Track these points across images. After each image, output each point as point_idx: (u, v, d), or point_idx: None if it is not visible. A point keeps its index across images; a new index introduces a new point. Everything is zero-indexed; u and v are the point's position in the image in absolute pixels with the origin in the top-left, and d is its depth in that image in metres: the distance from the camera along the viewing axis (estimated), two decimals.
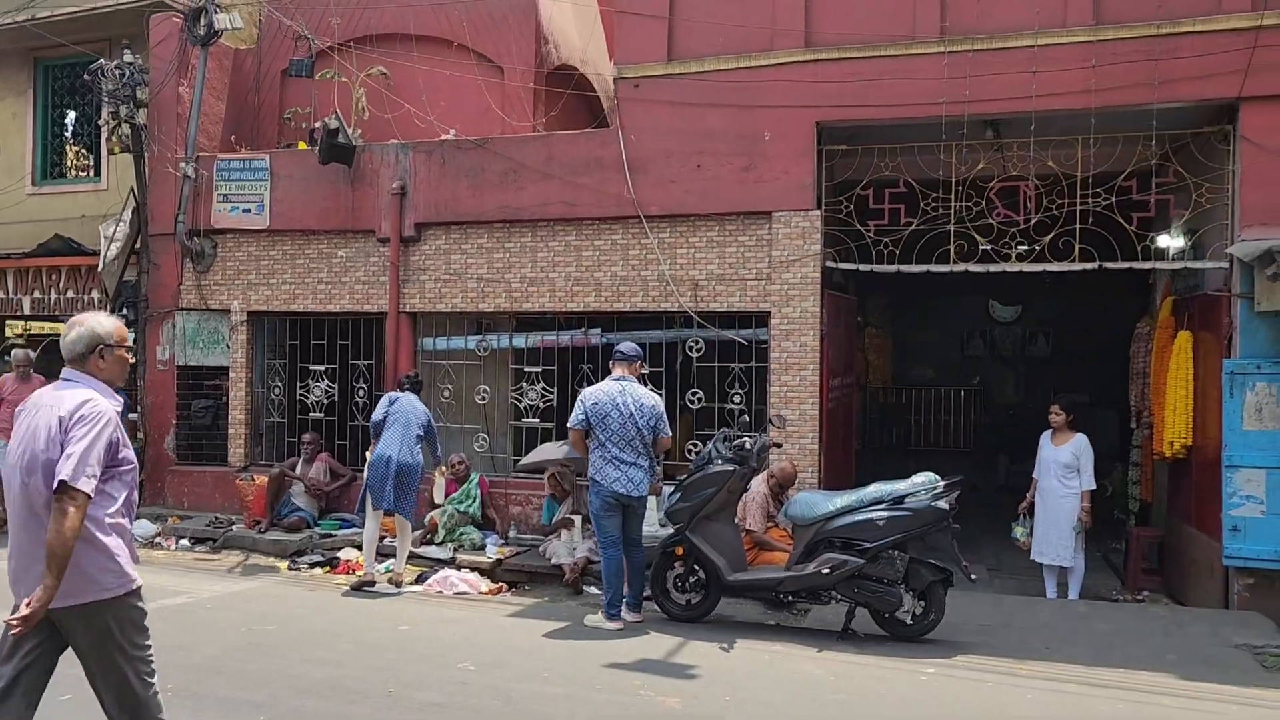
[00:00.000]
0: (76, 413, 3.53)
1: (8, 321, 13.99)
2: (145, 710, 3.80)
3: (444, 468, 9.18)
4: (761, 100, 9.08)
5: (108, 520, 3.59)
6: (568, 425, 7.44)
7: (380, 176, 10.55)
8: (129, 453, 3.71)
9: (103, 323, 3.79)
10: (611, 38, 11.33)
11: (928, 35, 8.60)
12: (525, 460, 9.48)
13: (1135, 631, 7.12)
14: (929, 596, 6.83)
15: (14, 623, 3.37)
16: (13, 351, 10.43)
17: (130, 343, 4.00)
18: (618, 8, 9.82)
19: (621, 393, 7.24)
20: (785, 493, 8.13)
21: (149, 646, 3.86)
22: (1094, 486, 8.30)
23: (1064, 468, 8.28)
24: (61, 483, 3.36)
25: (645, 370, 7.77)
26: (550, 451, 9.19)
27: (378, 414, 8.51)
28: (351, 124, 10.64)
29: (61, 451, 3.46)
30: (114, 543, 3.61)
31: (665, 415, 7.43)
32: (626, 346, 7.56)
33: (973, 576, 7.07)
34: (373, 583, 8.23)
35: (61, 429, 3.51)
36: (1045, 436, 8.56)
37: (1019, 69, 8.26)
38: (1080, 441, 8.30)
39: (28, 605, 3.35)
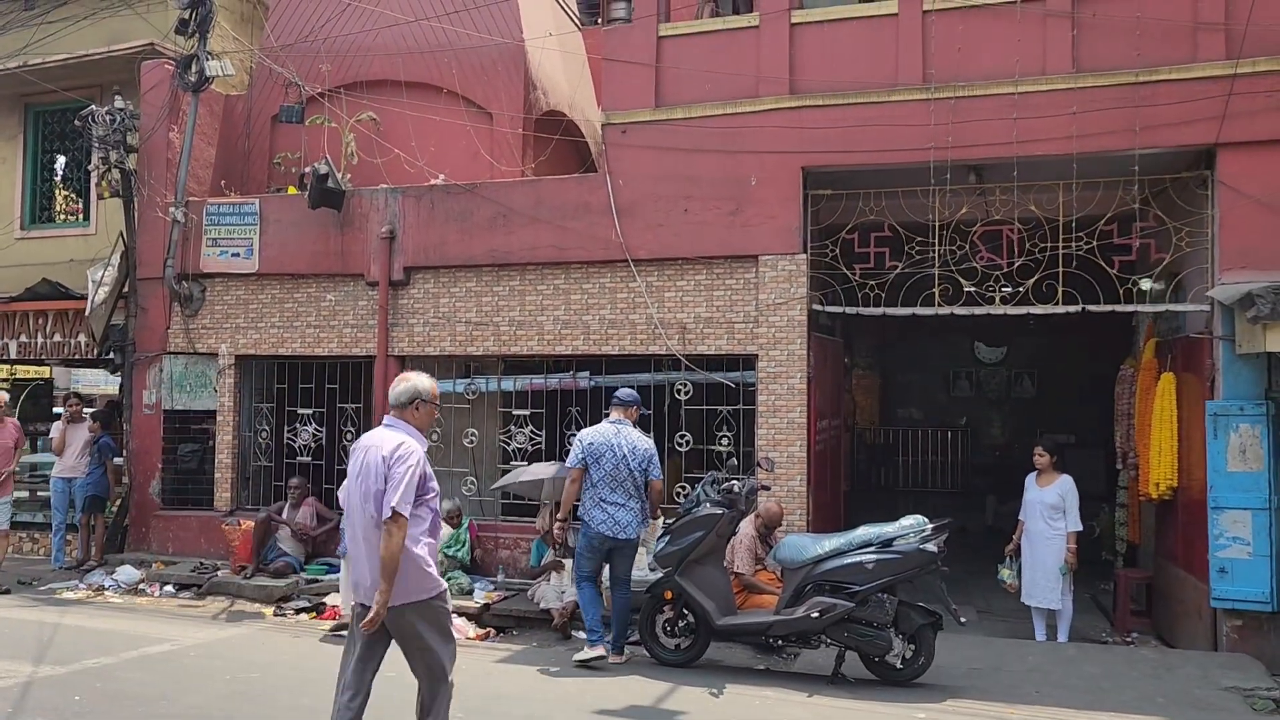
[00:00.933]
0: (395, 453, 4.53)
1: None
2: (444, 691, 4.85)
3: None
4: (747, 145, 9.20)
5: (420, 537, 4.58)
6: (566, 465, 7.64)
7: (370, 221, 10.61)
8: (433, 483, 4.70)
9: (424, 381, 4.85)
10: (599, 84, 11.47)
11: (911, 82, 8.75)
12: (509, 480, 9.39)
13: (1125, 674, 7.10)
14: (919, 640, 6.80)
15: (364, 626, 4.51)
16: None
17: (438, 399, 5.00)
18: (605, 55, 9.96)
19: (616, 434, 7.44)
20: (773, 534, 8.12)
21: (453, 639, 4.87)
22: (1080, 528, 8.29)
23: (1050, 509, 8.27)
24: (391, 509, 4.38)
25: (640, 414, 7.89)
26: (537, 471, 9.14)
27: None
28: (341, 169, 10.73)
29: (386, 484, 4.46)
30: (424, 555, 4.58)
31: (658, 459, 7.51)
32: (624, 392, 7.81)
33: (962, 620, 7.05)
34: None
35: (385, 465, 4.51)
36: (1030, 478, 8.56)
37: (1001, 115, 8.41)
38: (1065, 483, 8.30)
39: (372, 609, 4.44)
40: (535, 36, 11.34)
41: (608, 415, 7.78)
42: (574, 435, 9.63)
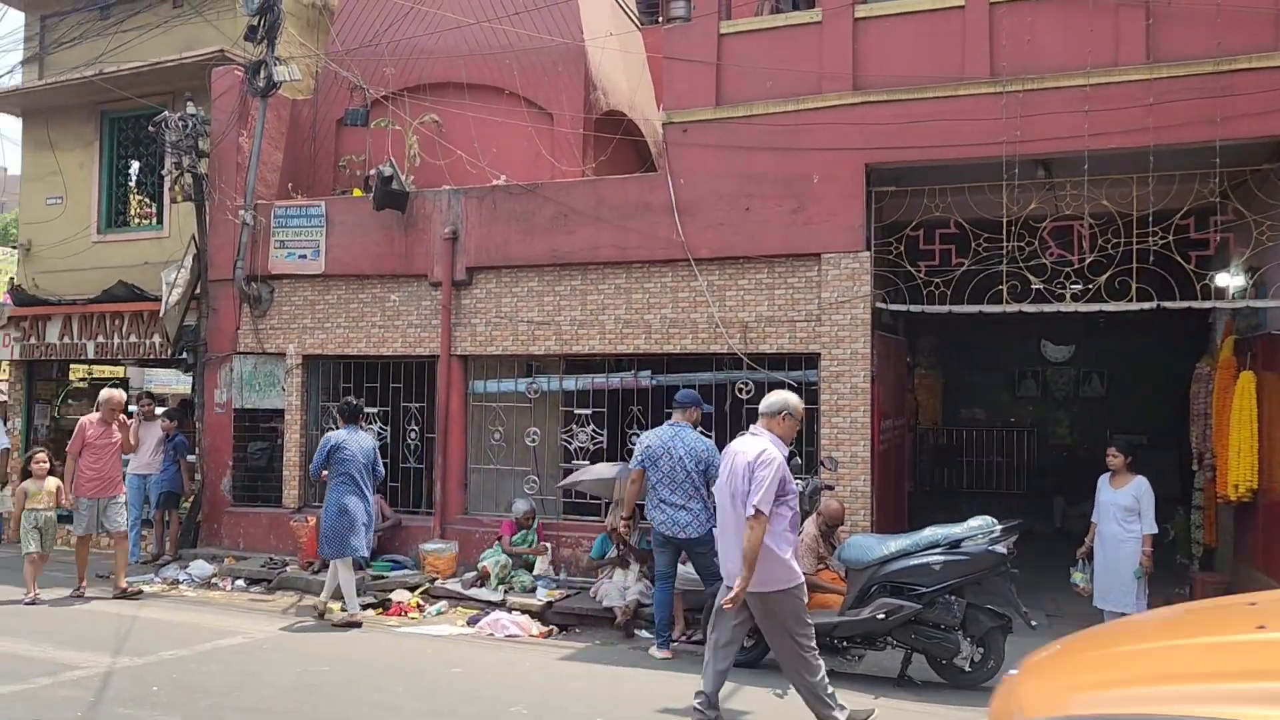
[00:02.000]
0: (759, 458, 5.30)
1: (72, 365, 14.37)
2: (805, 665, 5.44)
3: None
4: (810, 143, 9.12)
5: (779, 533, 5.32)
6: (629, 467, 7.91)
7: (433, 222, 10.73)
8: (793, 485, 5.47)
9: (793, 398, 5.68)
10: (659, 83, 11.49)
11: (978, 75, 8.60)
12: (575, 479, 9.45)
13: None
14: (987, 643, 6.69)
15: (725, 603, 5.30)
16: (102, 392, 9.99)
17: (802, 416, 5.76)
18: (666, 54, 9.95)
19: (673, 437, 7.59)
20: (835, 533, 8.04)
21: (808, 625, 5.50)
22: (1155, 530, 8.05)
23: (1124, 511, 8.05)
24: (754, 508, 5.14)
25: (703, 412, 8.13)
26: (600, 472, 9.18)
27: (319, 458, 8.80)
28: (405, 171, 10.87)
29: (750, 485, 5.24)
30: (784, 550, 5.31)
31: (718, 460, 7.45)
32: (682, 394, 8.00)
33: (1033, 623, 6.90)
34: (359, 623, 8.53)
35: (749, 469, 5.29)
36: (1103, 479, 8.34)
37: (1072, 108, 8.23)
38: (1140, 484, 8.07)
39: (733, 589, 5.24)
40: (595, 37, 11.37)
41: (669, 417, 7.92)
42: (635, 434, 9.69)
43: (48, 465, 9.76)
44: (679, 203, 9.59)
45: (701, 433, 8.17)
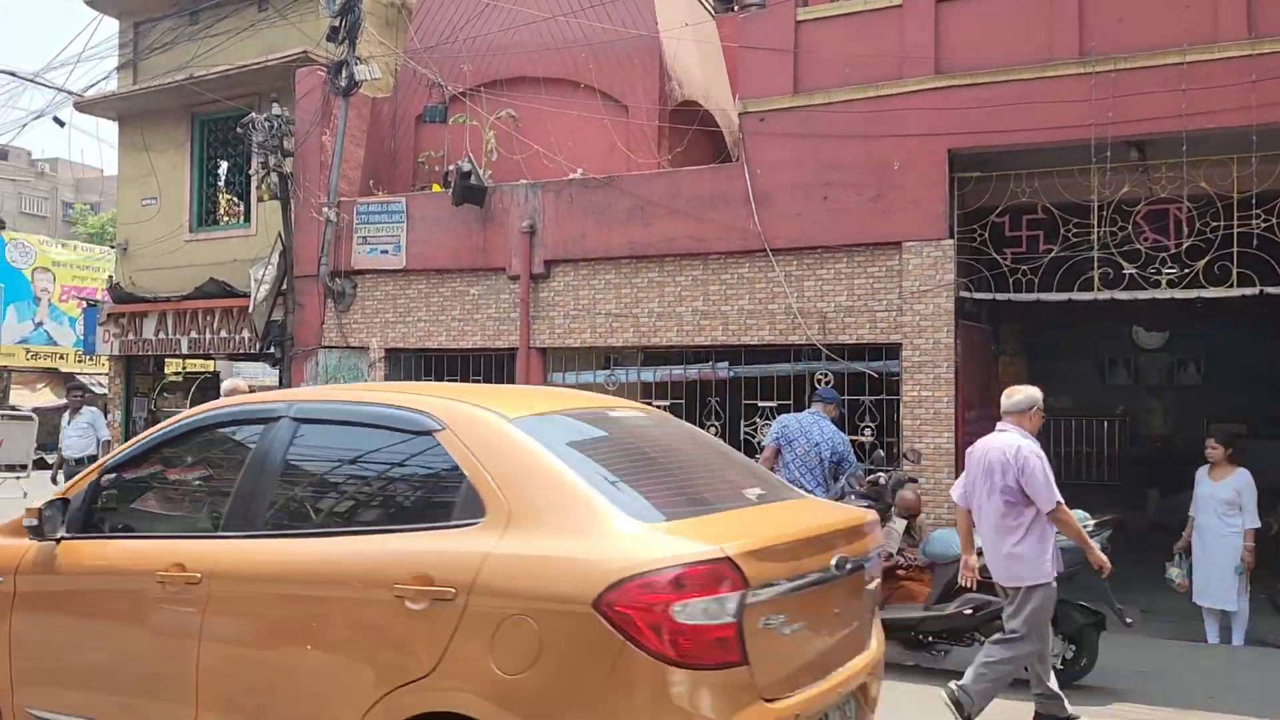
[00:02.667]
0: (1019, 453, 5.31)
1: (167, 360, 14.89)
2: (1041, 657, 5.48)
3: None
4: (890, 129, 8.94)
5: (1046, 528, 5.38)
6: (762, 443, 7.93)
7: (510, 216, 10.82)
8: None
9: (1037, 392, 5.68)
10: (735, 73, 11.37)
11: (1066, 56, 8.33)
12: None
13: None
14: (1080, 640, 6.49)
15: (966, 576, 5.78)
16: (226, 384, 9.21)
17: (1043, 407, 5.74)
18: (742, 43, 9.86)
19: (813, 424, 7.74)
20: (914, 524, 7.89)
21: (1041, 625, 5.43)
22: (1258, 525, 7.74)
23: (1224, 504, 7.76)
24: (1055, 503, 5.23)
25: (839, 412, 8.27)
26: None
27: None
28: (482, 166, 10.97)
29: (1020, 481, 5.29)
30: (1039, 545, 5.33)
31: (851, 455, 7.77)
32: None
33: (1128, 620, 6.67)
34: None
35: (1014, 464, 5.31)
36: (1202, 471, 8.04)
37: (1167, 88, 7.90)
38: (1242, 476, 7.77)
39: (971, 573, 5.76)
40: (670, 27, 11.31)
41: (809, 408, 8.08)
42: (713, 425, 9.66)
43: None
44: (755, 193, 9.50)
45: None
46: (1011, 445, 5.36)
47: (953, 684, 5.40)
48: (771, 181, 9.46)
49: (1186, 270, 8.16)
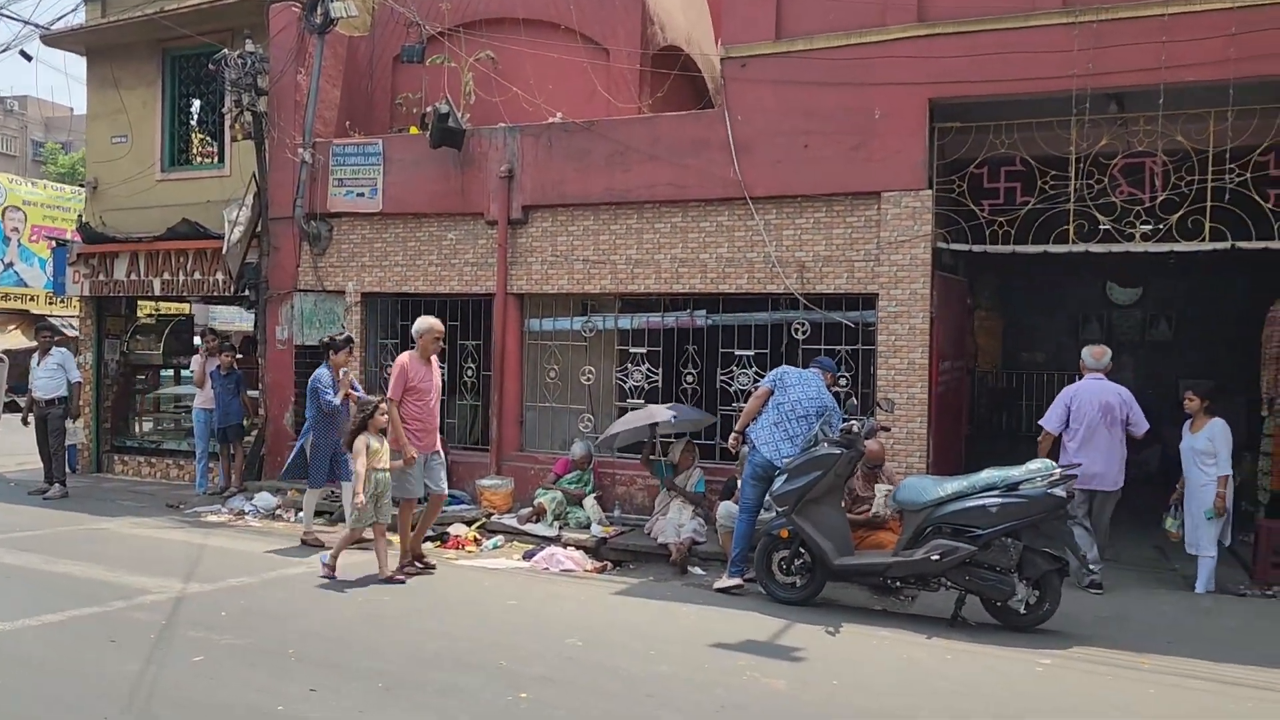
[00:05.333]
0: (1124, 396, 7.92)
1: (139, 302, 14.73)
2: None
3: None
4: (872, 78, 8.89)
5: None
6: (740, 390, 7.76)
7: (489, 160, 10.71)
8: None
9: (1107, 350, 8.22)
10: (718, 17, 11.24)
11: (1050, 6, 8.30)
12: (610, 434, 9.45)
13: (1266, 628, 6.81)
14: (1043, 586, 6.64)
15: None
16: (421, 321, 8.24)
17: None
18: None
19: (813, 379, 7.73)
20: (876, 472, 8.00)
21: None
22: (1229, 472, 7.97)
23: (1201, 455, 8.01)
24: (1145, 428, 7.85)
25: (834, 380, 8.28)
26: (634, 420, 9.18)
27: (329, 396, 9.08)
28: (461, 108, 10.83)
29: (1129, 415, 7.91)
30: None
31: (838, 417, 7.65)
32: (825, 360, 8.16)
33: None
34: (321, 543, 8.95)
35: (1124, 402, 7.89)
36: (1186, 426, 8.27)
37: (1149, 39, 7.90)
38: (1216, 426, 7.99)
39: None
40: None
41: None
42: (690, 373, 9.71)
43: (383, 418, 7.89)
44: (736, 140, 9.45)
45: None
46: (1114, 390, 7.95)
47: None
48: (752, 129, 9.41)
49: (1160, 224, 8.21)
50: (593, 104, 10.79)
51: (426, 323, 8.16)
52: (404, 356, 8.09)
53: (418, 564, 8.11)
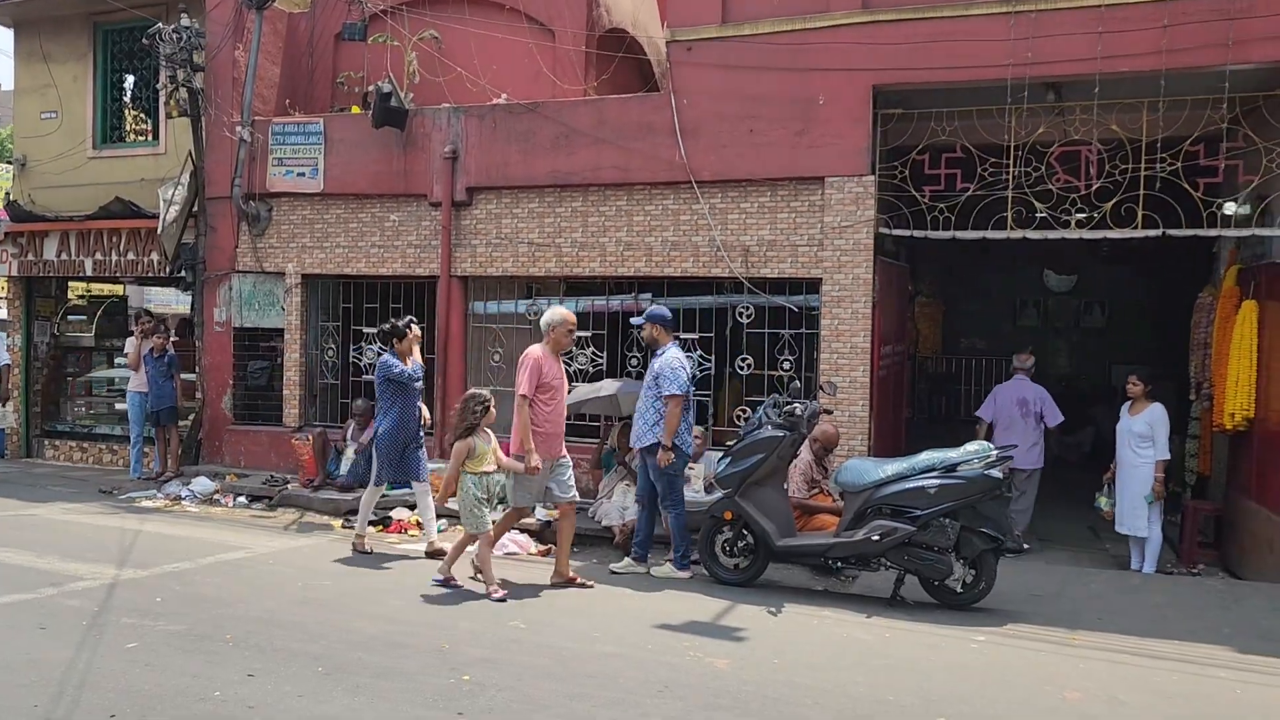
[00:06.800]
0: (1038, 392, 8.71)
1: (71, 283, 14.33)
2: None
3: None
4: (816, 63, 8.95)
5: None
6: (676, 392, 7.32)
7: (432, 141, 10.59)
8: None
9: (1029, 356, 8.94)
10: (664, 0, 11.21)
11: None
12: (573, 400, 9.39)
13: (1191, 605, 7.03)
14: (980, 565, 6.78)
15: None
16: (553, 311, 7.43)
17: None
18: None
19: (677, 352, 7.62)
20: (829, 456, 8.10)
21: None
22: (1167, 456, 8.28)
23: (1138, 438, 8.29)
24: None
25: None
26: (603, 389, 9.17)
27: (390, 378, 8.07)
28: (404, 88, 10.68)
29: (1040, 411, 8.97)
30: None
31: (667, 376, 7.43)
32: (657, 312, 7.77)
33: (1025, 545, 7.00)
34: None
35: (1038, 399, 8.84)
36: (1125, 408, 8.54)
37: (1085, 29, 8.06)
38: (1155, 411, 8.28)
39: None
40: None
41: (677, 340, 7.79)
42: (635, 356, 9.70)
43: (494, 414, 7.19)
44: (682, 124, 9.45)
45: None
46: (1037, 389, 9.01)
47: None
48: (698, 112, 9.42)
49: (1095, 212, 8.39)
50: (538, 85, 10.71)
51: (559, 313, 7.29)
52: (535, 349, 7.16)
53: (576, 584, 7.18)
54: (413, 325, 8.31)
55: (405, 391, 8.10)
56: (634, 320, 7.91)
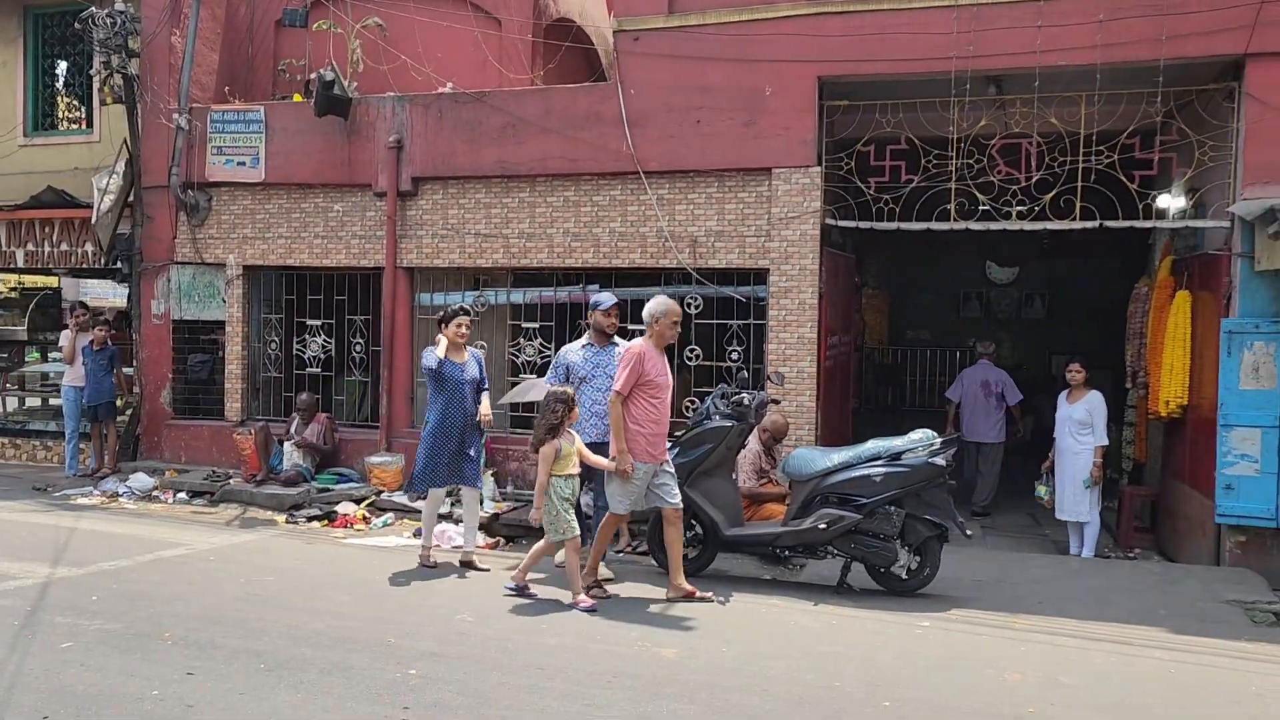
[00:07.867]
0: (999, 376, 9.81)
1: (1, 275, 13.92)
2: None
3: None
4: (762, 55, 8.97)
5: None
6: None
7: (377, 130, 10.44)
8: None
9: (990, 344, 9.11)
10: None
11: None
12: (519, 393, 9.37)
13: (1128, 587, 7.19)
14: (924, 552, 6.87)
15: None
16: (656, 301, 6.74)
17: None
18: None
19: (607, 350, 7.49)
20: (778, 446, 8.15)
21: None
22: (1106, 442, 8.51)
23: (1078, 424, 8.49)
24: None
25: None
26: (530, 387, 9.14)
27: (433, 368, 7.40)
28: (347, 76, 10.52)
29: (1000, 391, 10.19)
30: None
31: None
32: (601, 295, 7.70)
33: (968, 532, 7.09)
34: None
35: (999, 381, 10.09)
36: (1062, 396, 8.73)
37: (1025, 23, 8.18)
38: (1094, 398, 8.49)
39: None
40: None
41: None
42: None
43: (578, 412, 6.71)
44: (629, 114, 9.42)
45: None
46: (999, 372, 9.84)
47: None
48: (645, 103, 9.40)
49: (1035, 204, 8.53)
50: (484, 75, 10.62)
51: (665, 304, 6.64)
52: (639, 343, 6.60)
53: (697, 598, 6.59)
54: (462, 314, 7.50)
55: (445, 387, 7.41)
56: (604, 299, 7.62)
